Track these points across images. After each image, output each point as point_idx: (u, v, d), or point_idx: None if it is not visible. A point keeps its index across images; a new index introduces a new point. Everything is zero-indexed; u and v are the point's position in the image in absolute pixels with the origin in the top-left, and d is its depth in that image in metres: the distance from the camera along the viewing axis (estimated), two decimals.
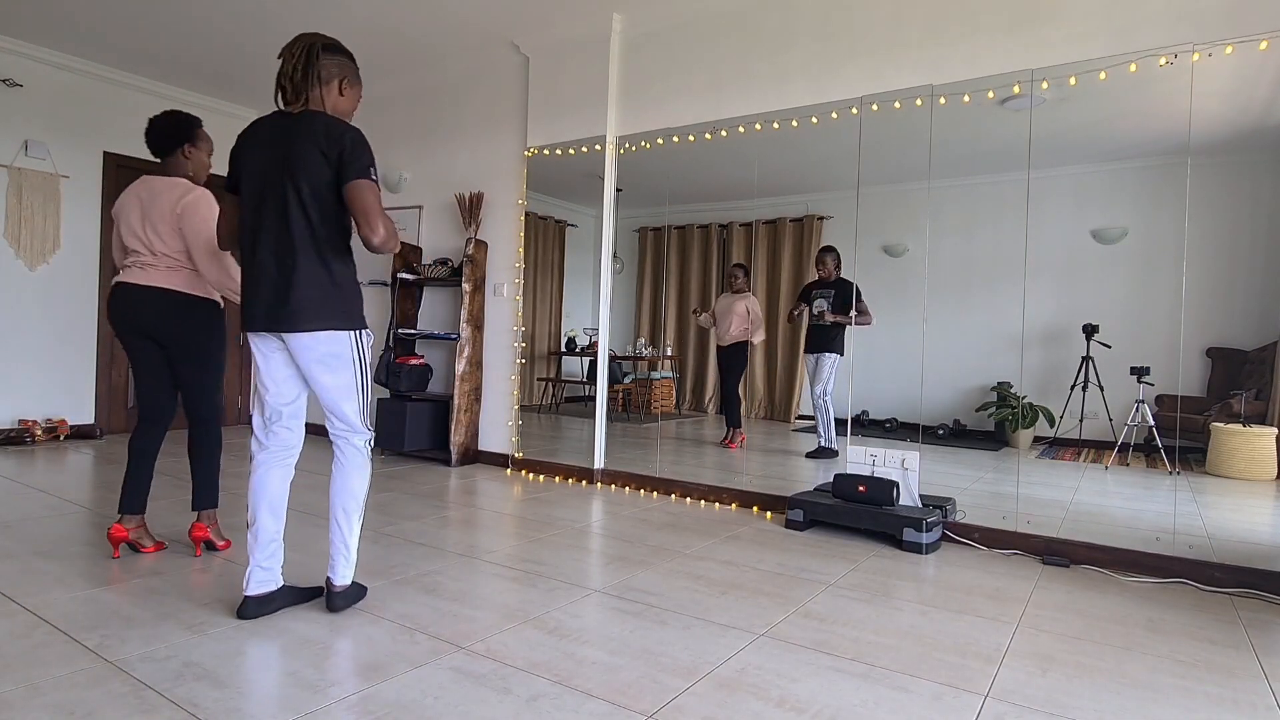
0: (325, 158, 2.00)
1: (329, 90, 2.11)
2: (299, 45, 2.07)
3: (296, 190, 2.00)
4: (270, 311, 2.03)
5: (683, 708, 1.68)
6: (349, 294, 2.11)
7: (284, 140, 2.03)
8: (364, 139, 2.06)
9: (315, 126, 2.01)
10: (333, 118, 2.06)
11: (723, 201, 4.56)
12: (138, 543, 2.69)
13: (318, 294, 2.03)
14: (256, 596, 2.12)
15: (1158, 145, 3.14)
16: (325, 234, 2.04)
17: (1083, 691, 1.83)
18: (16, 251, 5.16)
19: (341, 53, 2.14)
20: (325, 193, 2.02)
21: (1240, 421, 3.02)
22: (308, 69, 2.05)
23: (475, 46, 4.95)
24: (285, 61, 2.06)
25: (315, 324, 2.03)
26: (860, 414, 3.95)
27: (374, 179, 2.03)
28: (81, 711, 1.57)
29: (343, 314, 2.08)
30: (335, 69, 2.11)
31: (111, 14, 4.61)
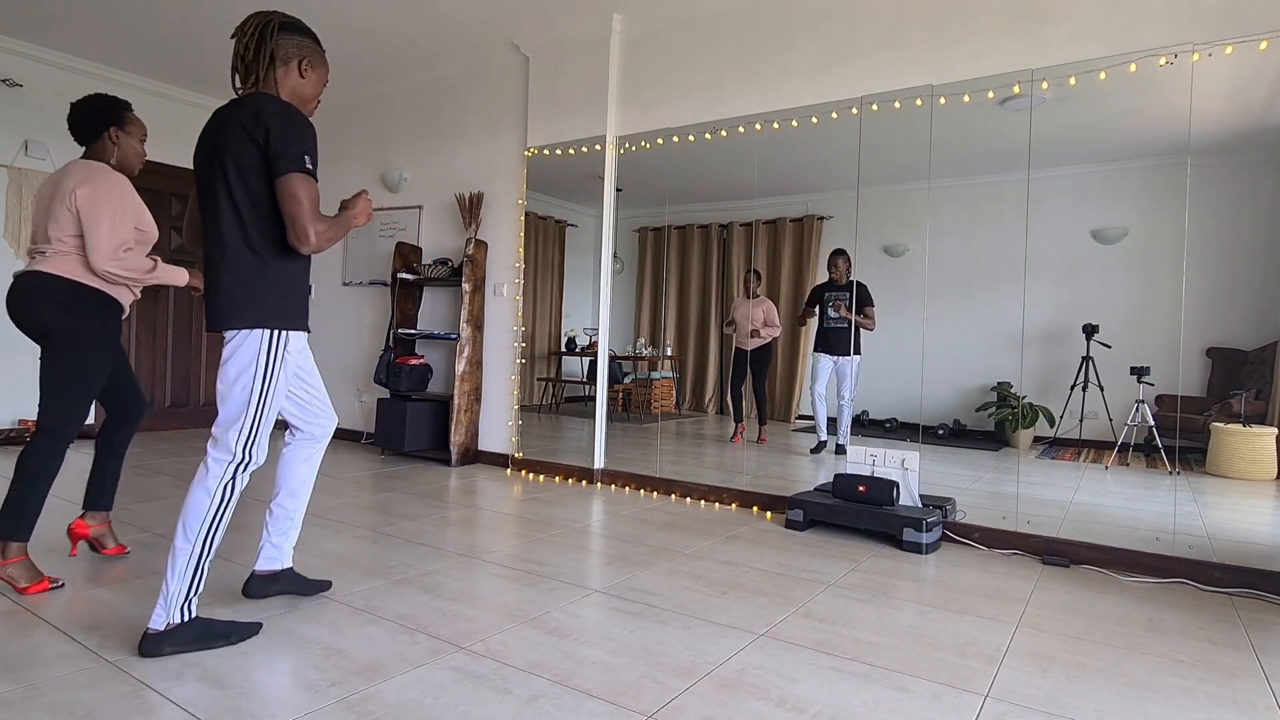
0: (251, 140, 1.79)
1: (287, 71, 1.94)
2: (252, 24, 1.90)
3: (225, 177, 1.82)
4: (209, 309, 1.89)
5: (683, 708, 1.68)
6: (283, 290, 1.89)
7: (219, 127, 1.85)
8: (298, 118, 1.84)
9: (246, 108, 1.81)
10: (266, 96, 1.84)
11: (723, 201, 4.56)
12: (98, 541, 2.61)
13: (241, 290, 1.84)
14: (263, 574, 2.15)
15: (1158, 145, 3.14)
16: (255, 223, 1.84)
17: (1083, 691, 1.83)
18: (16, 252, 5.15)
19: (301, 31, 1.97)
20: (253, 179, 1.82)
21: (1240, 421, 3.02)
22: (259, 49, 1.89)
23: (475, 46, 4.95)
24: (237, 41, 1.90)
25: (233, 321, 1.85)
26: (860, 414, 3.95)
27: (306, 169, 1.81)
28: (81, 711, 1.57)
29: (264, 311, 1.86)
30: (294, 49, 1.94)
31: (111, 14, 4.61)
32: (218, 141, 1.84)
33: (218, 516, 1.85)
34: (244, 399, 1.86)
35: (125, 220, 2.37)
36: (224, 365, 1.87)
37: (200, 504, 1.83)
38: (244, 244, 1.84)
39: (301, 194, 1.79)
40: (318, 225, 1.82)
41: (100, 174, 2.37)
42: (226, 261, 1.84)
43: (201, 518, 1.83)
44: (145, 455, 4.84)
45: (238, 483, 1.88)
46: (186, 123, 6.14)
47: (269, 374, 1.88)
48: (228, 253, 1.84)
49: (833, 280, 4.05)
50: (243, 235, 1.84)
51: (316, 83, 2.02)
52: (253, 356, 1.86)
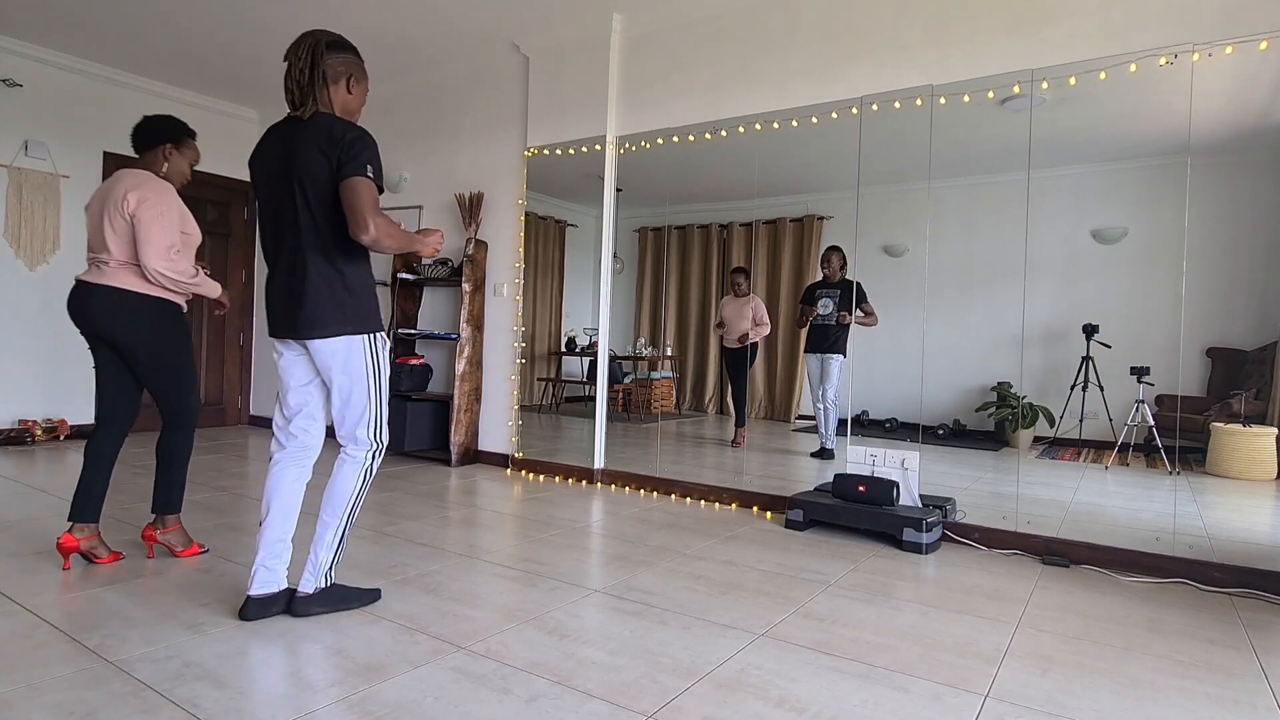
0: (326, 157, 1.97)
1: (336, 89, 2.09)
2: (303, 46, 2.04)
3: (302, 193, 1.99)
4: (287, 318, 2.05)
5: (683, 708, 1.68)
6: (361, 297, 2.09)
7: (291, 146, 2.01)
8: (367, 138, 2.02)
9: (319, 129, 1.99)
10: (337, 118, 2.03)
11: (723, 201, 4.56)
12: (91, 553, 2.54)
13: (328, 300, 2.02)
14: (258, 597, 2.10)
15: (1158, 145, 3.14)
16: (332, 236, 2.02)
17: (1083, 691, 1.83)
18: (16, 251, 5.16)
19: (346, 49, 2.11)
20: (328, 194, 1.99)
21: (1240, 421, 3.02)
22: (314, 70, 2.02)
23: (475, 47, 4.95)
24: (291, 64, 2.03)
25: (327, 330, 2.02)
26: (860, 414, 3.95)
27: (369, 176, 1.98)
28: (81, 712, 1.57)
29: (354, 319, 2.06)
30: (341, 66, 2.09)
31: (111, 14, 4.61)
32: (294, 159, 2.00)
33: (358, 496, 2.15)
34: (363, 400, 2.11)
35: (173, 222, 2.53)
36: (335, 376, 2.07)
37: (346, 488, 2.12)
38: (323, 257, 2.02)
39: (362, 189, 1.95)
40: (377, 218, 1.96)
41: (149, 180, 2.53)
42: (309, 274, 2.01)
43: (347, 499, 2.13)
44: (145, 455, 4.83)
45: (375, 465, 2.18)
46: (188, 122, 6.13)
47: (376, 370, 2.12)
48: (310, 266, 2.01)
49: (826, 278, 4.05)
50: (322, 249, 2.02)
51: (361, 95, 2.18)
52: (359, 361, 2.08)
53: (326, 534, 2.12)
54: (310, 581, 2.13)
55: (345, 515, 2.13)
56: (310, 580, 2.13)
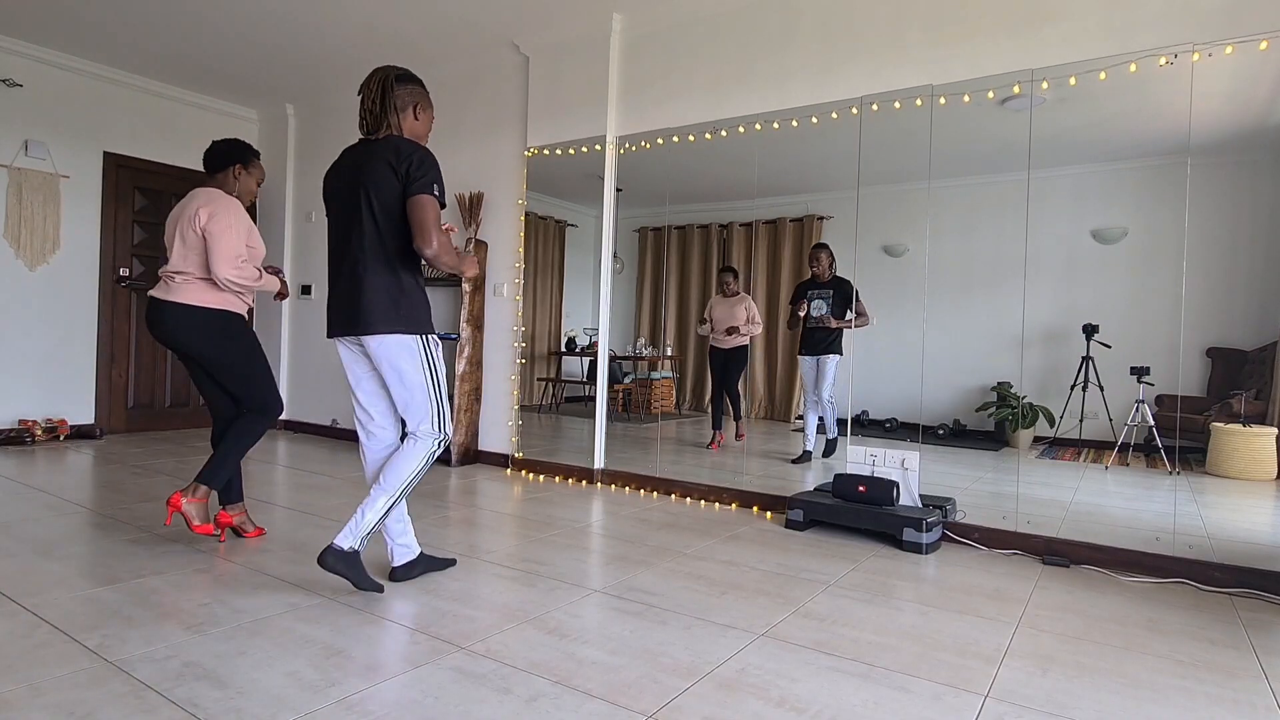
0: (394, 172, 2.17)
1: (405, 117, 2.30)
2: (374, 80, 2.26)
3: (369, 204, 2.19)
4: (345, 317, 2.23)
5: (683, 708, 1.68)
6: (415, 301, 2.27)
7: (361, 161, 2.22)
8: (432, 159, 2.22)
9: (388, 147, 2.20)
10: (403, 139, 2.23)
11: (723, 201, 4.55)
12: (241, 528, 2.92)
13: (385, 300, 2.20)
14: (401, 565, 2.43)
15: (1158, 145, 3.14)
16: (394, 244, 2.21)
17: (1083, 691, 1.83)
18: (16, 251, 5.16)
19: (413, 81, 2.33)
20: (393, 205, 2.19)
21: (1240, 421, 3.02)
22: (385, 100, 2.24)
23: (475, 47, 4.95)
24: (365, 97, 2.25)
25: (382, 328, 2.20)
26: (860, 414, 3.95)
27: (435, 195, 2.18)
28: (81, 711, 1.57)
29: (408, 320, 2.23)
30: (408, 97, 2.31)
31: (112, 14, 4.61)
32: (363, 173, 2.20)
33: (416, 476, 2.29)
34: (423, 395, 2.28)
35: (241, 234, 2.75)
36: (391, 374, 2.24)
37: (408, 465, 2.26)
38: (383, 263, 2.21)
39: (428, 207, 2.17)
40: (440, 236, 2.18)
41: (220, 197, 2.77)
42: (368, 275, 2.20)
43: (406, 474, 2.26)
44: (145, 455, 4.84)
45: (438, 452, 2.33)
46: (187, 122, 6.14)
47: (432, 366, 2.29)
48: (370, 269, 2.20)
49: (815, 277, 4.01)
50: (383, 255, 2.21)
51: (428, 121, 2.40)
52: (413, 359, 2.25)
53: (379, 499, 2.25)
54: (348, 538, 2.23)
55: (400, 488, 2.26)
56: (349, 537, 2.23)
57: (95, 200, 5.57)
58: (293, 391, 6.40)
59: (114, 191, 5.65)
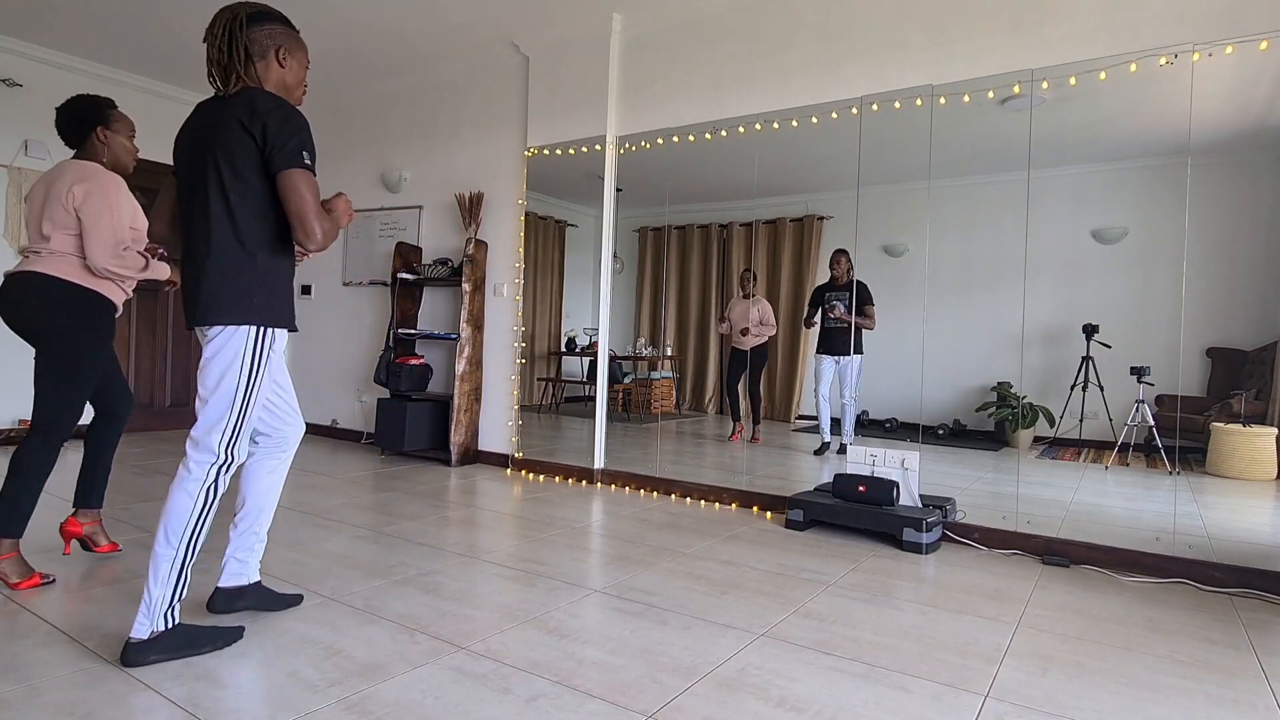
0: (248, 133, 1.76)
1: (266, 65, 1.89)
2: (219, 22, 1.84)
3: (217, 172, 1.78)
4: (189, 303, 1.83)
5: (683, 708, 1.68)
6: (270, 286, 1.85)
7: (209, 121, 1.82)
8: (294, 114, 1.81)
9: (240, 102, 1.78)
10: (259, 91, 1.83)
11: (723, 201, 4.56)
12: (90, 539, 2.61)
13: (228, 286, 1.79)
14: (227, 589, 2.08)
15: (1158, 145, 3.14)
16: (245, 219, 1.80)
17: (1083, 691, 1.83)
18: (16, 252, 5.15)
19: (272, 19, 1.90)
20: (249, 175, 1.79)
21: (1240, 421, 3.02)
22: (232, 46, 1.83)
23: (475, 46, 4.95)
24: (209, 44, 1.84)
25: (217, 317, 1.80)
26: (860, 414, 3.95)
27: (306, 165, 1.78)
28: (81, 711, 1.57)
29: (253, 307, 1.82)
30: (267, 40, 1.88)
31: (111, 14, 4.61)
32: (209, 136, 1.80)
33: (201, 520, 1.81)
34: (228, 399, 1.81)
35: (123, 219, 2.40)
36: (206, 365, 1.82)
37: (183, 508, 1.79)
38: (234, 239, 1.80)
39: (305, 190, 1.77)
40: (324, 223, 1.80)
41: (95, 174, 2.38)
42: (214, 257, 1.79)
43: (184, 522, 1.79)
44: (145, 455, 4.83)
45: (220, 484, 1.84)
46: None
47: (254, 372, 1.84)
48: (215, 248, 1.79)
49: (834, 279, 4.05)
50: (233, 230, 1.80)
51: (298, 68, 1.96)
52: (237, 354, 1.81)
53: (162, 568, 1.77)
54: (144, 625, 1.77)
55: (187, 544, 1.79)
56: (144, 624, 1.77)
57: None
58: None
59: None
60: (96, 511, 2.64)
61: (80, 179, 2.35)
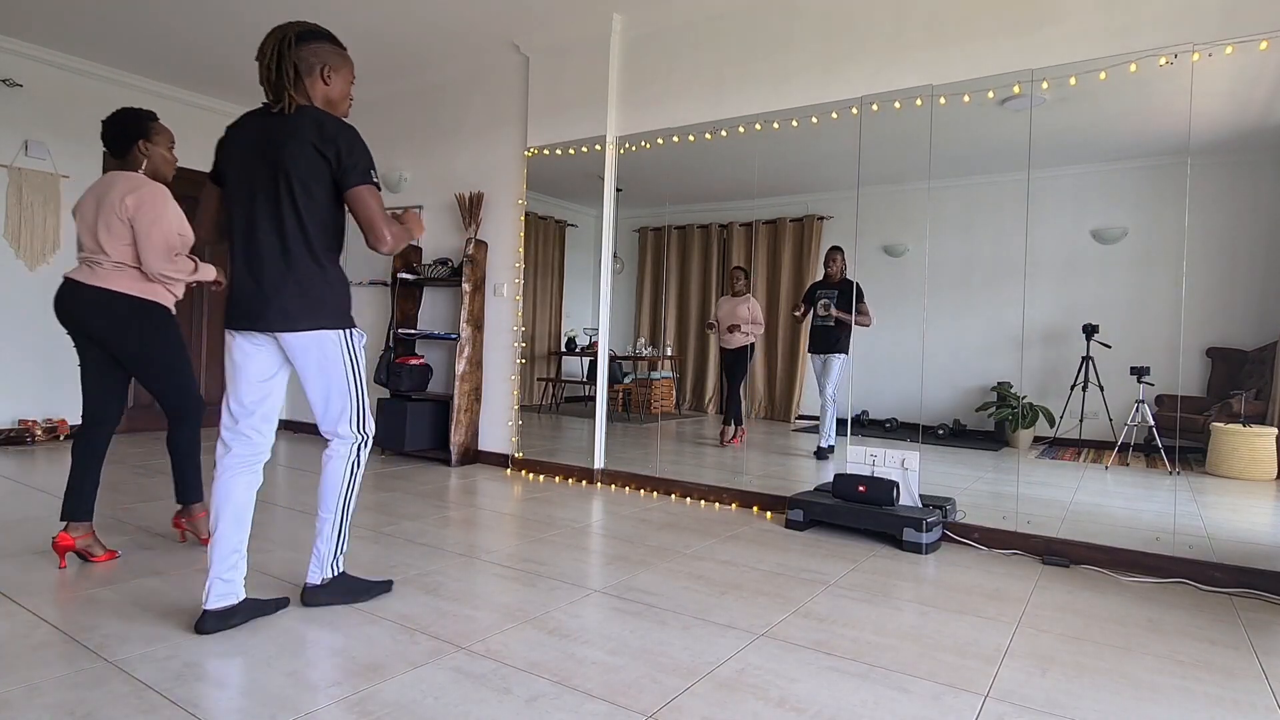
0: (321, 155, 1.94)
1: (312, 82, 2.01)
2: (269, 43, 1.96)
3: (289, 189, 1.93)
4: (260, 310, 1.96)
5: (683, 708, 1.68)
6: (340, 293, 2.07)
7: (276, 138, 1.95)
8: (359, 137, 2.00)
9: (307, 123, 1.94)
10: (325, 113, 1.98)
11: (723, 201, 4.56)
12: (86, 551, 2.55)
13: (309, 293, 1.98)
14: (216, 610, 1.99)
15: (1158, 145, 3.13)
16: (316, 233, 1.98)
17: (1083, 691, 1.83)
18: (16, 252, 5.16)
19: (318, 38, 2.02)
20: (319, 192, 1.96)
21: (1240, 421, 3.02)
22: (281, 65, 1.94)
23: (475, 47, 4.95)
24: (260, 65, 1.97)
25: (306, 323, 1.99)
26: (860, 414, 3.95)
27: (374, 181, 2.00)
28: (81, 711, 1.57)
29: (333, 313, 2.04)
30: (313, 58, 2.00)
31: (111, 14, 4.61)
32: (278, 154, 1.94)
33: (350, 486, 2.16)
34: (343, 393, 2.09)
35: (173, 226, 2.56)
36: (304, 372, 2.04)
37: (335, 480, 2.13)
38: (308, 251, 1.98)
39: (374, 201, 1.99)
40: (391, 228, 2.01)
41: (144, 184, 2.55)
42: (292, 269, 1.97)
43: (338, 490, 2.13)
44: (145, 455, 4.84)
45: (362, 456, 2.18)
46: (187, 123, 6.13)
47: (354, 363, 2.11)
48: (292, 260, 1.97)
49: (828, 277, 4.06)
50: (306, 243, 1.98)
51: (343, 84, 2.10)
52: (338, 355, 2.06)
53: (325, 529, 2.15)
54: (316, 573, 2.18)
55: (340, 509, 2.15)
56: (316, 572, 2.18)
57: None
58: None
59: None
60: (88, 523, 2.57)
61: (131, 189, 2.51)
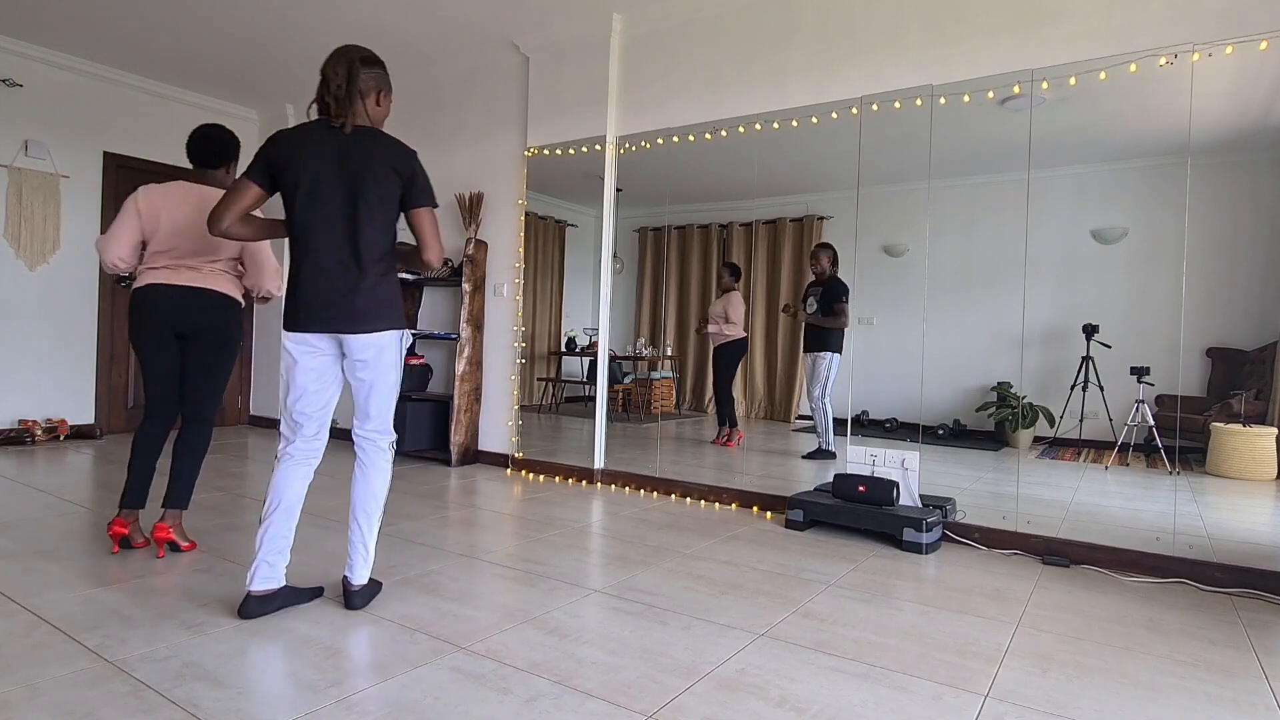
0: (398, 176, 2.17)
1: (369, 104, 2.22)
2: (341, 62, 2.14)
3: (368, 203, 2.13)
4: (335, 313, 2.12)
5: (683, 708, 1.68)
6: (400, 297, 2.29)
7: (356, 155, 2.14)
8: (420, 163, 2.27)
9: (383, 145, 2.17)
10: (397, 140, 2.23)
11: (723, 201, 4.56)
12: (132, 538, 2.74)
13: (381, 297, 2.17)
14: (259, 594, 2.13)
15: (1158, 145, 3.14)
16: (386, 243, 2.20)
17: (1083, 691, 1.83)
18: (16, 251, 5.16)
19: (378, 64, 2.25)
20: (391, 208, 2.19)
21: (1240, 421, 3.02)
22: (351, 84, 2.14)
23: (475, 47, 4.95)
24: (330, 79, 2.13)
25: (379, 325, 2.17)
26: (860, 414, 3.95)
27: (436, 204, 2.27)
28: (81, 711, 1.57)
29: (397, 315, 2.24)
30: (373, 81, 2.22)
31: (111, 14, 4.61)
32: (359, 170, 2.12)
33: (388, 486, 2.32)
34: (394, 391, 2.30)
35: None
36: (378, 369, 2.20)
37: (384, 482, 2.29)
38: (381, 260, 2.17)
39: (432, 222, 2.25)
40: (439, 244, 2.28)
41: None
42: (368, 275, 2.14)
43: (384, 494, 2.29)
44: None
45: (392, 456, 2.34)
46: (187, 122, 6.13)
47: (403, 364, 2.31)
48: (367, 267, 2.14)
49: (816, 276, 4.07)
50: (378, 253, 2.16)
51: (388, 107, 2.33)
52: (396, 353, 2.24)
53: (376, 528, 2.26)
54: (364, 573, 2.24)
55: (382, 507, 2.31)
56: (364, 572, 2.24)
57: (95, 200, 5.57)
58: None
59: (114, 191, 5.64)
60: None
61: None
